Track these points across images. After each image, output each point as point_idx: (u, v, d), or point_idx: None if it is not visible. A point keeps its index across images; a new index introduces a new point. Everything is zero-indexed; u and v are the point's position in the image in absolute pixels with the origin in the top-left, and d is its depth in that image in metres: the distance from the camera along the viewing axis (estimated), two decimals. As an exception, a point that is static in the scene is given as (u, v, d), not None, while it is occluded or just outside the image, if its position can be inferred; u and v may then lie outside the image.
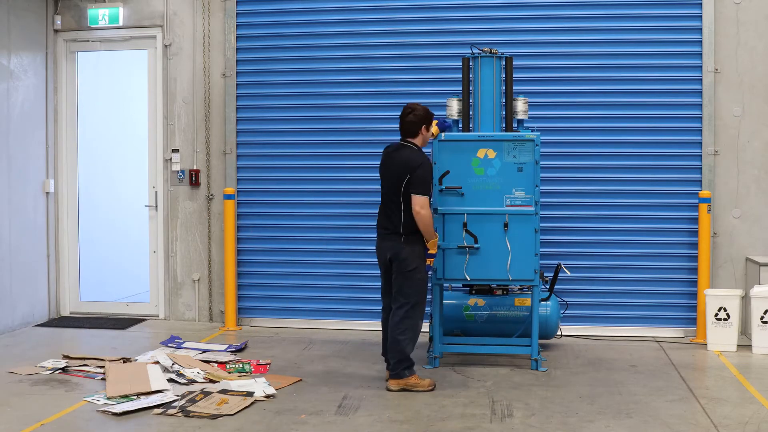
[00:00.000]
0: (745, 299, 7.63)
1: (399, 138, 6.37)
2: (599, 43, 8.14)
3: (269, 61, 8.63)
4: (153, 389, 5.99)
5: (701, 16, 7.95)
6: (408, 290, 6.17)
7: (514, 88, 7.22)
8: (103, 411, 5.58)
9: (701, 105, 7.99)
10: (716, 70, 7.95)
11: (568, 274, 7.55)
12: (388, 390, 6.13)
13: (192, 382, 6.27)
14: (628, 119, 8.12)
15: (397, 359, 6.14)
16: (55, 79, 8.95)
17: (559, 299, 7.47)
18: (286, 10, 8.58)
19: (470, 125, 7.13)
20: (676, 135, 8.07)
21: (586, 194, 8.16)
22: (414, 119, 6.27)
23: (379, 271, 6.44)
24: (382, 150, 8.36)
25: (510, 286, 7.18)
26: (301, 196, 8.59)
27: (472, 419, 5.45)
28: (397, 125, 6.37)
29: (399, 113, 8.45)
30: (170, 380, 6.28)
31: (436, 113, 7.86)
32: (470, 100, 7.13)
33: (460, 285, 7.22)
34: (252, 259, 8.70)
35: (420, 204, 6.06)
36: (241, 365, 6.76)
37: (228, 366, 6.74)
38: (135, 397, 5.84)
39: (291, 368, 6.80)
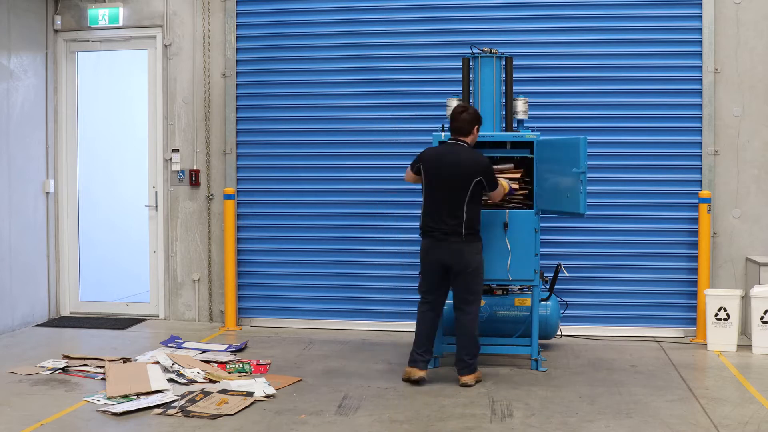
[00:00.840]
0: (745, 299, 7.63)
1: (398, 137, 6.37)
2: (599, 43, 8.14)
3: (269, 61, 8.63)
4: (153, 389, 5.99)
5: (701, 16, 7.95)
6: (475, 287, 6.36)
7: (514, 88, 7.21)
8: (103, 411, 5.58)
9: (701, 105, 7.99)
10: (716, 70, 7.95)
11: (567, 275, 7.54)
12: (466, 386, 6.21)
13: (192, 382, 6.27)
14: (628, 119, 8.12)
15: (474, 354, 6.33)
16: (55, 79, 8.96)
17: (558, 299, 7.47)
18: (286, 10, 8.59)
19: (470, 125, 7.12)
20: (676, 135, 8.08)
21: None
22: (468, 118, 6.39)
23: (379, 272, 6.42)
24: (382, 150, 8.43)
25: (510, 286, 7.17)
26: (301, 196, 8.59)
27: (472, 419, 5.46)
28: (397, 125, 6.38)
29: (399, 113, 8.47)
30: (170, 380, 6.28)
31: (436, 113, 7.95)
32: (470, 100, 7.12)
33: (460, 285, 7.21)
34: (252, 259, 8.70)
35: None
36: (241, 365, 6.76)
37: (228, 366, 6.75)
38: (135, 397, 5.84)
39: (291, 368, 6.80)
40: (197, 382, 6.27)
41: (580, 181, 6.26)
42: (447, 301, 7.23)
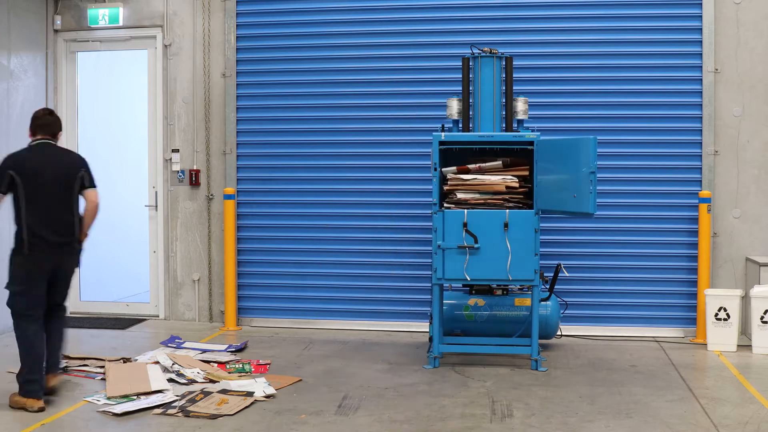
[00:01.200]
0: (745, 299, 7.63)
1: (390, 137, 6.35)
2: (599, 43, 8.14)
3: (269, 61, 8.63)
4: (153, 389, 5.99)
5: (701, 16, 7.95)
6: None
7: (514, 88, 7.22)
8: (104, 411, 5.57)
9: (701, 105, 7.99)
10: (716, 70, 7.95)
11: (567, 274, 7.55)
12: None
13: (192, 382, 6.27)
14: (628, 119, 8.12)
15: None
16: (55, 79, 8.95)
17: (558, 299, 7.47)
18: (286, 10, 8.58)
19: (470, 125, 7.13)
20: (676, 135, 8.08)
21: (586, 194, 8.15)
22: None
23: (379, 272, 6.40)
24: (381, 150, 8.44)
25: (510, 286, 7.18)
26: (301, 196, 8.59)
27: (472, 419, 5.45)
28: (397, 125, 6.39)
29: (399, 113, 8.47)
30: (170, 380, 6.28)
31: (436, 113, 7.95)
32: (470, 100, 7.13)
33: (460, 285, 7.22)
34: (252, 259, 8.70)
35: None
36: (241, 365, 6.76)
37: (228, 366, 6.74)
38: (135, 397, 5.84)
39: (291, 368, 6.80)
40: (197, 382, 6.27)
41: (590, 181, 6.25)
42: (447, 301, 7.27)
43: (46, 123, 5.93)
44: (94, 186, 5.99)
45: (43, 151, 5.87)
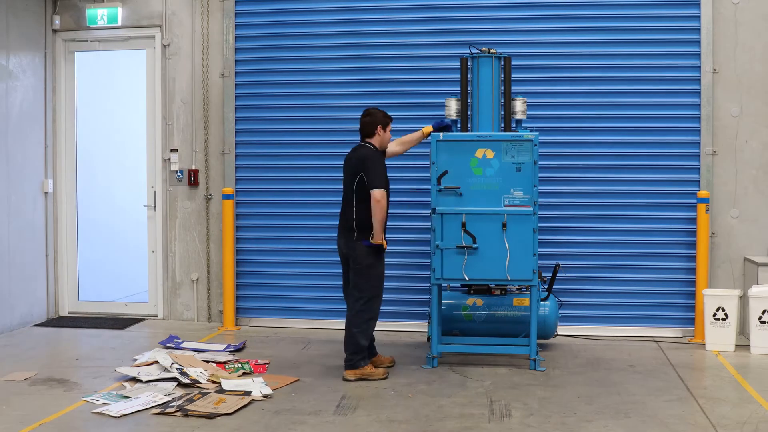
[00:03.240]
0: (743, 299, 7.64)
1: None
2: (598, 43, 8.15)
3: (268, 61, 8.63)
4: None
5: (699, 17, 7.96)
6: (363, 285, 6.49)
7: (512, 88, 7.22)
8: (100, 413, 5.56)
9: (699, 105, 8.00)
10: (714, 70, 7.96)
11: (560, 266, 7.54)
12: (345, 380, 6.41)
13: (195, 382, 6.22)
14: (626, 119, 8.12)
15: (351, 351, 6.47)
16: (53, 79, 8.95)
17: (557, 299, 7.47)
18: (285, 10, 8.58)
19: (468, 125, 7.13)
20: (674, 135, 8.08)
21: (584, 194, 8.16)
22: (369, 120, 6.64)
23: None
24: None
25: (508, 286, 7.18)
26: (300, 196, 8.59)
27: (471, 419, 5.46)
28: (396, 125, 6.44)
29: (397, 113, 8.44)
30: (174, 379, 6.26)
31: (434, 113, 7.94)
32: (468, 101, 7.13)
33: (459, 285, 7.22)
34: (250, 259, 8.70)
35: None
36: (240, 365, 6.75)
37: (227, 366, 6.74)
38: (130, 398, 5.83)
39: (290, 368, 6.80)
40: (200, 383, 6.21)
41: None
42: (446, 301, 7.28)
43: None
44: None
45: None
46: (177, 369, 6.40)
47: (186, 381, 6.23)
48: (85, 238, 9.20)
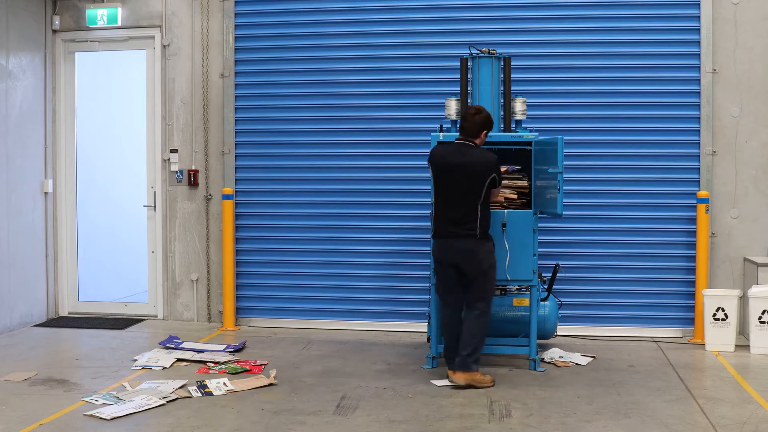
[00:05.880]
0: (743, 299, 7.64)
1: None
2: (598, 43, 8.15)
3: (268, 62, 8.63)
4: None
5: (699, 17, 7.96)
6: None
7: (512, 88, 7.22)
8: (92, 415, 5.53)
9: (699, 105, 8.00)
10: (714, 70, 7.96)
11: (564, 275, 7.55)
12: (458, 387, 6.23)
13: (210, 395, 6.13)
14: (626, 119, 8.13)
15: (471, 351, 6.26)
16: (53, 79, 8.95)
17: (557, 299, 7.47)
18: (285, 10, 8.59)
19: (469, 125, 7.12)
20: (674, 135, 8.08)
21: (584, 194, 8.16)
22: (480, 120, 6.37)
23: (377, 272, 6.41)
24: (380, 150, 8.45)
25: (508, 287, 7.18)
26: (300, 197, 8.59)
27: (471, 419, 5.46)
28: (396, 125, 6.40)
29: (397, 113, 8.48)
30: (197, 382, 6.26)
31: (434, 114, 7.95)
32: (468, 101, 7.13)
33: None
34: (250, 259, 8.70)
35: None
36: (226, 365, 6.78)
37: (221, 367, 6.76)
38: (123, 400, 5.82)
39: (289, 368, 6.80)
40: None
41: (557, 181, 6.28)
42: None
43: None
44: None
45: None
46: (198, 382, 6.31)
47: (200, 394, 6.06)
48: (85, 238, 9.20)
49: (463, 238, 6.25)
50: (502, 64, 7.07)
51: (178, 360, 6.99)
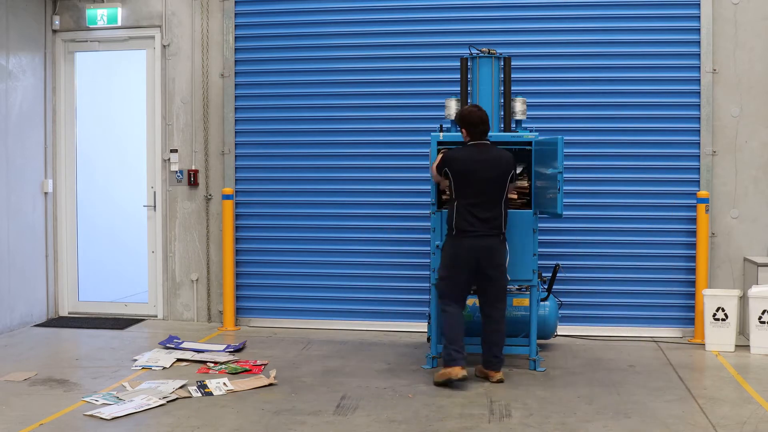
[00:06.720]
0: (743, 299, 7.64)
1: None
2: (598, 43, 8.15)
3: (268, 62, 8.63)
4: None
5: (699, 17, 7.96)
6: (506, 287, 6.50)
7: (512, 88, 7.22)
8: (92, 415, 5.53)
9: (699, 105, 8.00)
10: (714, 70, 7.96)
11: (564, 275, 7.55)
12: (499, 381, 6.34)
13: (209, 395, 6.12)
14: (626, 119, 8.13)
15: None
16: (53, 79, 8.95)
17: (557, 299, 7.47)
18: (285, 11, 8.59)
19: (469, 125, 7.12)
20: (674, 135, 8.08)
21: (584, 194, 8.16)
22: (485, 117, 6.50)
23: (377, 272, 6.40)
24: (380, 150, 8.44)
25: (508, 287, 7.17)
26: (300, 197, 8.59)
27: (471, 419, 5.46)
28: (396, 125, 6.40)
29: (397, 113, 8.44)
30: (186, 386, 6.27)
31: (434, 113, 7.94)
32: (468, 101, 7.13)
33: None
34: (250, 259, 8.70)
35: None
36: (227, 365, 6.78)
37: (221, 366, 6.75)
38: (123, 400, 5.82)
39: (289, 368, 6.80)
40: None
41: (557, 181, 6.28)
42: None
43: None
44: None
45: None
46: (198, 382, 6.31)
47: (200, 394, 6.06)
48: (85, 238, 9.20)
49: (488, 236, 6.33)
50: (502, 64, 7.07)
51: (178, 360, 7.00)
